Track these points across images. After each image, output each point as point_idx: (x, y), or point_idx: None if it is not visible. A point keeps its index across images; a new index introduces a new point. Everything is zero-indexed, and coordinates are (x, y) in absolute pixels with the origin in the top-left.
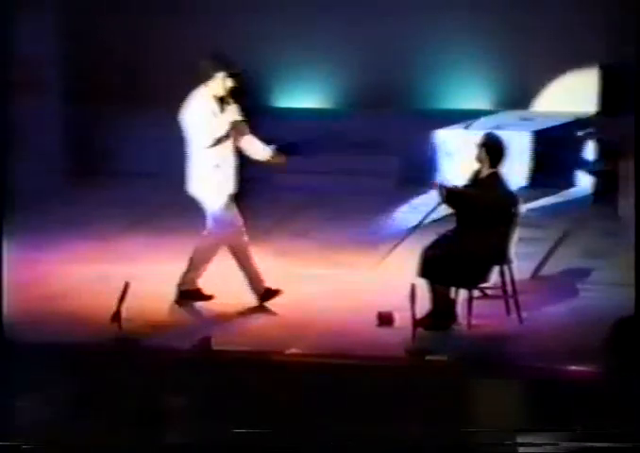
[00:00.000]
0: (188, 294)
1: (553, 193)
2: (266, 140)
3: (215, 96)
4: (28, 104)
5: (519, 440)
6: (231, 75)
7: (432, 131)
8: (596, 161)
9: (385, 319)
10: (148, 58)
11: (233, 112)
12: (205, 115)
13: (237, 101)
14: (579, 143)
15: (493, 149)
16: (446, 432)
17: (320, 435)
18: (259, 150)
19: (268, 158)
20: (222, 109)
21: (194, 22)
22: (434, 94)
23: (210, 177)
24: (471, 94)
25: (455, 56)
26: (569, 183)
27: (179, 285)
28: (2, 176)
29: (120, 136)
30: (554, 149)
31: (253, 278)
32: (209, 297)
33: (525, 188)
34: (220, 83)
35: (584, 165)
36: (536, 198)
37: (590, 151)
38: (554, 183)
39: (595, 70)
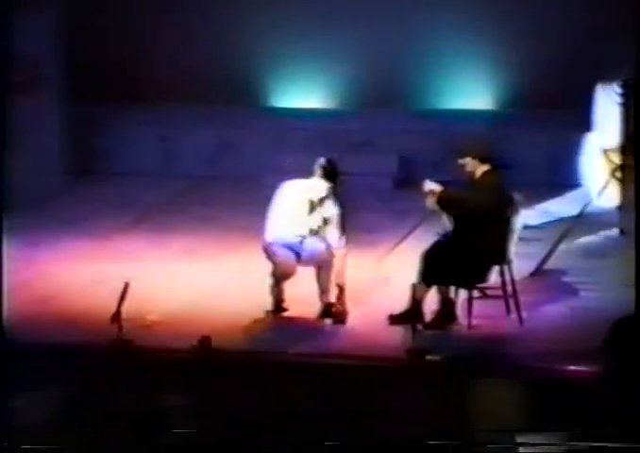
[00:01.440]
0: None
1: (553, 193)
2: (262, 139)
3: (307, 198)
4: (27, 103)
5: (519, 440)
6: (328, 182)
7: (432, 131)
8: None
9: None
10: (148, 58)
11: (315, 218)
12: (291, 211)
13: (323, 206)
14: None
15: (476, 154)
16: (446, 432)
17: (320, 435)
18: (333, 241)
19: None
20: (310, 211)
21: (195, 21)
22: (434, 94)
23: (281, 225)
24: (471, 94)
25: (455, 56)
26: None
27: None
28: (1, 176)
29: (119, 136)
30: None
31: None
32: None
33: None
34: (316, 187)
35: None
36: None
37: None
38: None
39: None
